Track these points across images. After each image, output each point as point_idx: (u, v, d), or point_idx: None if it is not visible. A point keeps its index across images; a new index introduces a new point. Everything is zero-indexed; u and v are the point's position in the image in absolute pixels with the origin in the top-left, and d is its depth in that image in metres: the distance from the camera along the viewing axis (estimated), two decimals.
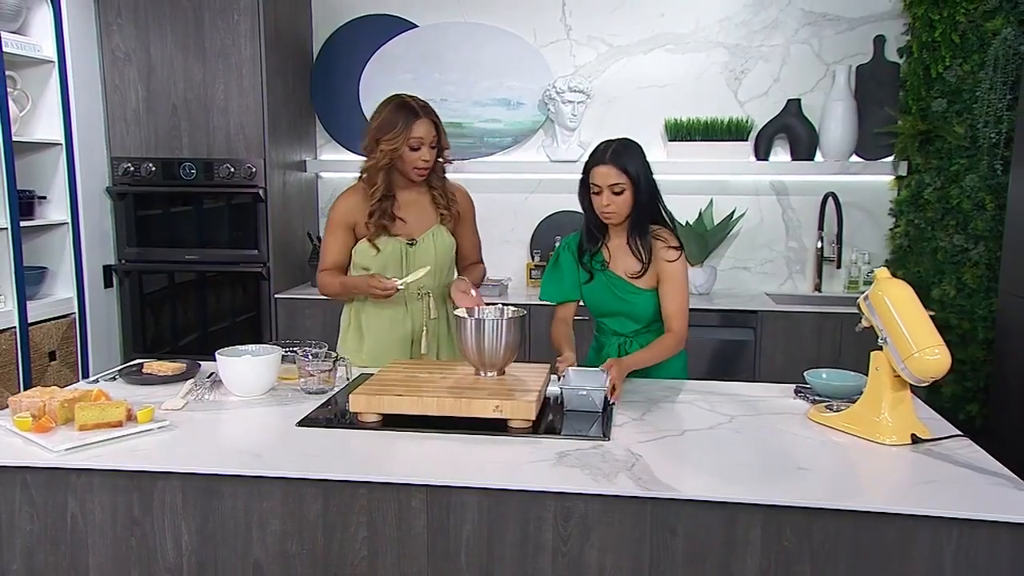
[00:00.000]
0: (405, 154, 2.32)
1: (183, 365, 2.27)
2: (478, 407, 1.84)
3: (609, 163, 2.19)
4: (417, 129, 2.30)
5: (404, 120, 2.30)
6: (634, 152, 2.22)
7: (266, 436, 1.85)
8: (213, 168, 3.73)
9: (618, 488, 1.53)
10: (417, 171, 2.36)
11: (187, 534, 1.66)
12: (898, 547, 1.47)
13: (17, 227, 3.29)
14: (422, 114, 2.32)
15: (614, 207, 2.22)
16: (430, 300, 2.44)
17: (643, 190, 2.21)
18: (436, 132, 2.35)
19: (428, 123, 2.33)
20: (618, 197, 2.21)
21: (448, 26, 4.08)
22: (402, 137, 2.29)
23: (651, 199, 2.26)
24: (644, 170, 2.22)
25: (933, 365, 1.69)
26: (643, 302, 2.30)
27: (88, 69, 3.72)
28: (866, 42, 3.85)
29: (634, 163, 2.20)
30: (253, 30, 3.65)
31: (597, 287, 2.34)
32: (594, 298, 2.37)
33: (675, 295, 2.24)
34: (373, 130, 2.34)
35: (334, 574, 1.64)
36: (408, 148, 2.31)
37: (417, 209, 2.44)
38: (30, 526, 1.68)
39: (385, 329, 2.45)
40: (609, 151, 2.21)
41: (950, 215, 3.70)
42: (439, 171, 2.45)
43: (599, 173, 2.21)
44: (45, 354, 3.46)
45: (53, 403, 1.78)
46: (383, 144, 2.31)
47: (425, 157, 2.34)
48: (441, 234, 2.45)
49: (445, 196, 2.46)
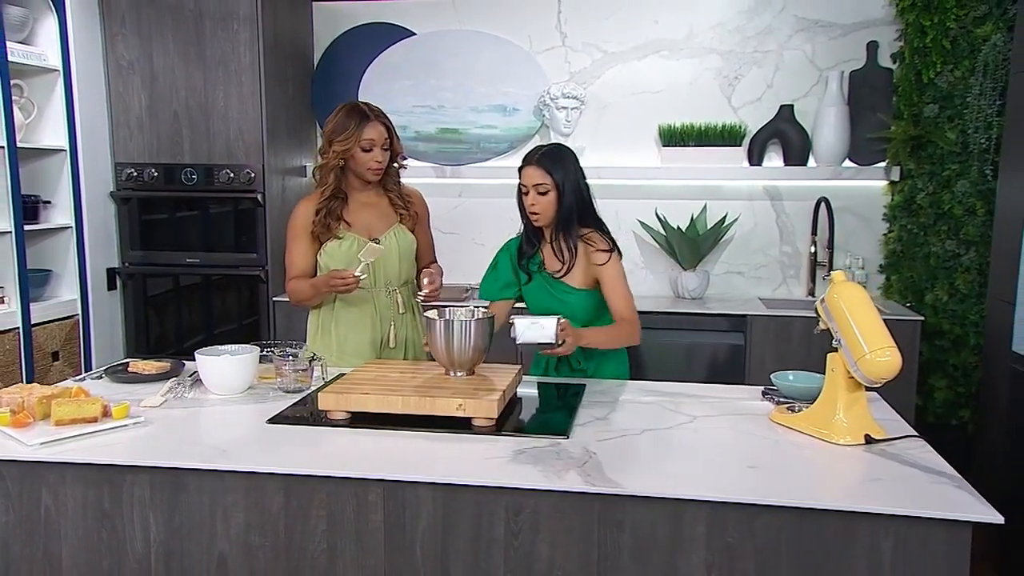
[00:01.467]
0: (357, 155, 2.44)
1: (167, 364, 2.34)
2: (442, 405, 1.88)
3: (535, 165, 2.34)
4: (368, 131, 2.42)
5: (356, 123, 2.42)
6: (563, 157, 2.35)
7: (236, 433, 1.91)
8: (213, 173, 3.81)
9: (566, 484, 1.57)
10: (371, 171, 2.48)
11: (155, 526, 1.72)
12: (838, 543, 1.50)
13: (21, 231, 3.39)
14: (373, 117, 2.44)
15: (539, 207, 2.35)
16: (398, 296, 2.52)
17: (567, 193, 2.33)
18: (388, 135, 2.48)
19: (379, 126, 2.45)
20: (543, 198, 2.33)
21: (445, 34, 4.14)
22: (354, 139, 2.42)
23: (579, 202, 2.36)
24: (571, 175, 2.34)
25: (884, 366, 1.72)
26: (577, 301, 2.39)
27: (93, 77, 3.82)
28: (859, 48, 3.86)
29: (560, 167, 2.32)
30: (252, 38, 3.73)
31: (535, 288, 2.45)
32: (533, 299, 2.47)
33: (614, 293, 2.35)
34: (327, 132, 2.47)
35: (296, 566, 1.69)
36: (360, 149, 2.43)
37: (376, 211, 2.56)
38: (5, 518, 1.75)
39: (354, 328, 2.53)
40: (538, 154, 2.35)
41: (942, 220, 3.70)
42: (394, 175, 2.58)
43: (526, 173, 2.36)
44: (48, 354, 3.55)
45: (31, 399, 1.86)
46: (335, 145, 2.43)
47: (378, 158, 2.46)
48: (402, 232, 2.57)
49: (401, 198, 2.59)
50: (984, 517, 1.42)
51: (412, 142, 4.15)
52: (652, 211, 4.03)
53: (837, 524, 1.49)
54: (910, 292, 3.83)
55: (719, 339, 3.62)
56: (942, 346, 3.74)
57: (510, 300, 2.53)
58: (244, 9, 3.72)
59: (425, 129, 4.16)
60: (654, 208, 4.03)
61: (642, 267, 4.13)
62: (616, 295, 2.34)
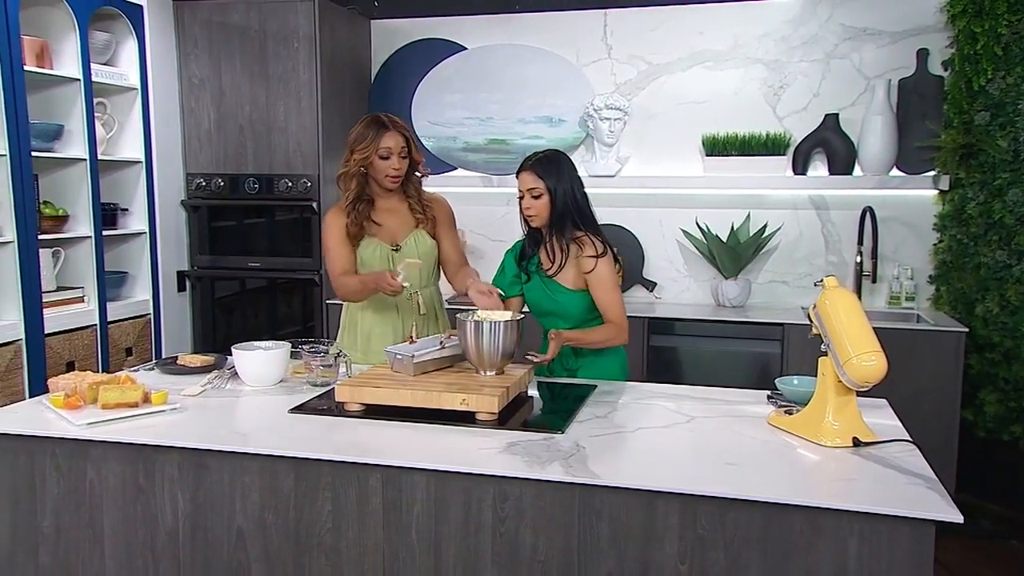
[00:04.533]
0: (376, 163, 2.58)
1: (211, 358, 2.55)
2: (447, 399, 2.01)
3: (529, 170, 2.46)
4: (386, 140, 2.56)
5: (374, 132, 2.56)
6: (557, 163, 2.47)
7: (259, 420, 2.08)
8: (273, 183, 4.06)
9: (547, 474, 1.67)
10: (389, 179, 2.60)
11: (182, 502, 1.90)
12: (804, 537, 1.55)
13: (100, 236, 3.69)
14: (391, 127, 2.58)
15: (533, 210, 2.47)
16: (419, 298, 2.65)
17: (559, 197, 2.43)
18: (406, 144, 2.61)
19: (396, 135, 2.58)
20: (536, 201, 2.46)
21: (495, 48, 4.29)
22: (372, 147, 2.56)
23: (573, 206, 2.46)
24: (564, 180, 2.44)
25: (868, 370, 1.75)
26: (569, 301, 2.49)
27: (167, 95, 4.12)
28: (909, 55, 3.82)
29: (553, 172, 2.44)
30: (310, 56, 3.96)
31: (534, 288, 2.56)
32: (532, 299, 2.58)
33: (602, 296, 2.44)
34: (350, 142, 2.62)
35: (304, 543, 1.84)
36: (378, 157, 2.57)
37: (396, 216, 2.70)
38: (57, 489, 1.96)
39: (378, 326, 2.68)
40: (533, 160, 2.48)
41: (993, 230, 3.62)
42: (415, 182, 2.71)
43: (521, 178, 2.49)
44: (122, 350, 3.84)
45: (83, 385, 2.07)
46: (355, 154, 2.58)
47: (395, 166, 2.58)
48: (422, 237, 2.70)
49: (420, 203, 2.71)
50: (944, 516, 1.46)
51: (462, 152, 4.32)
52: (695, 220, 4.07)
53: (804, 520, 1.54)
54: (960, 303, 3.75)
55: (756, 347, 3.63)
56: (993, 359, 3.65)
57: (520, 296, 2.63)
58: (304, 29, 3.96)
59: (474, 140, 4.32)
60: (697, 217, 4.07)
61: (685, 275, 4.17)
62: (602, 297, 2.44)
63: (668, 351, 3.80)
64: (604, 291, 2.44)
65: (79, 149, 3.56)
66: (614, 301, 2.45)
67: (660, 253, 4.20)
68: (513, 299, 2.62)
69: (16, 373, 3.23)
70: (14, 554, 1.99)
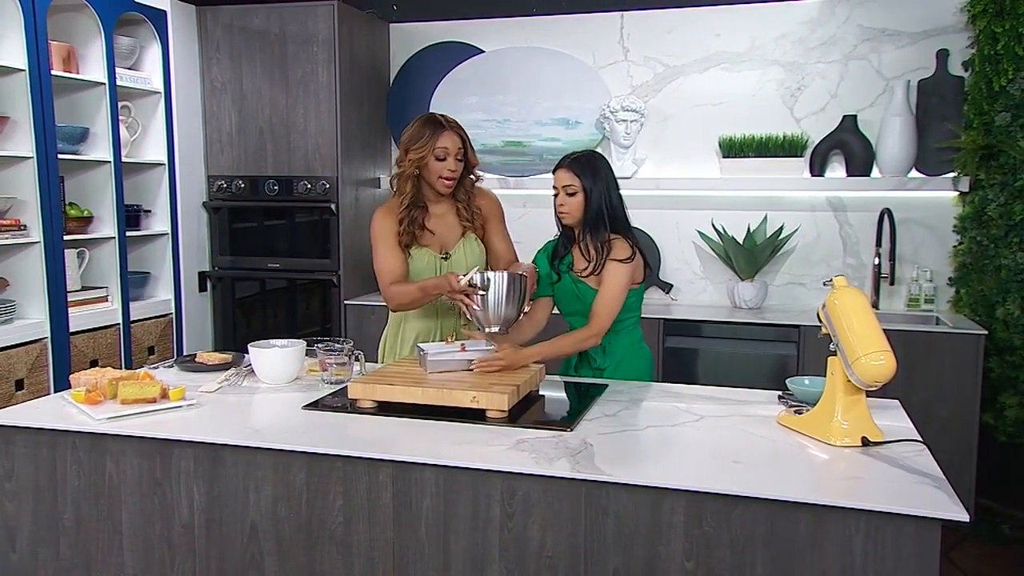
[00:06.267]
0: (431, 164, 2.49)
1: (229, 356, 2.59)
2: (458, 397, 2.03)
3: (566, 167, 2.46)
4: (443, 140, 2.48)
5: (431, 132, 2.48)
6: (593, 162, 2.46)
7: (273, 416, 2.11)
8: (292, 184, 4.11)
9: (554, 470, 1.69)
10: (443, 181, 2.51)
11: (197, 496, 1.93)
12: (810, 535, 1.55)
13: (124, 237, 3.76)
14: (448, 127, 2.50)
15: (567, 207, 2.46)
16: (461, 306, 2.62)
17: (594, 196, 2.42)
18: (462, 145, 2.53)
19: (453, 135, 2.50)
20: (571, 199, 2.45)
21: (512, 50, 4.31)
22: (428, 147, 2.47)
23: (608, 207, 2.44)
24: (601, 180, 2.43)
25: (877, 370, 1.75)
26: None
27: (190, 98, 4.18)
28: (927, 56, 3.80)
29: (589, 171, 2.43)
30: (329, 60, 4.01)
31: (564, 287, 2.55)
32: (561, 298, 2.58)
33: (604, 295, 2.43)
34: (404, 141, 2.53)
35: (316, 537, 1.87)
36: (434, 158, 2.49)
37: (445, 223, 2.62)
38: (77, 481, 2.00)
39: (422, 332, 2.66)
40: (570, 158, 2.47)
41: (1014, 232, 3.58)
42: (467, 185, 2.62)
43: (557, 175, 2.48)
44: (144, 348, 3.91)
45: (103, 380, 2.12)
46: (411, 154, 2.50)
47: (451, 167, 2.50)
48: (471, 244, 2.63)
49: (469, 209, 2.63)
50: (950, 515, 1.45)
51: (478, 155, 4.32)
52: (712, 222, 4.07)
53: (809, 517, 1.55)
54: (980, 306, 3.71)
55: (773, 349, 3.62)
56: (1014, 362, 3.61)
57: (550, 297, 2.61)
58: (323, 33, 4.01)
59: (491, 142, 4.35)
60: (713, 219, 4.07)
61: (702, 277, 4.17)
62: (602, 298, 2.42)
63: (684, 353, 3.79)
64: (609, 295, 2.41)
65: (104, 152, 3.64)
66: (610, 309, 2.42)
67: (676, 255, 4.20)
68: (543, 299, 2.61)
69: (42, 371, 3.30)
70: (36, 544, 2.04)
